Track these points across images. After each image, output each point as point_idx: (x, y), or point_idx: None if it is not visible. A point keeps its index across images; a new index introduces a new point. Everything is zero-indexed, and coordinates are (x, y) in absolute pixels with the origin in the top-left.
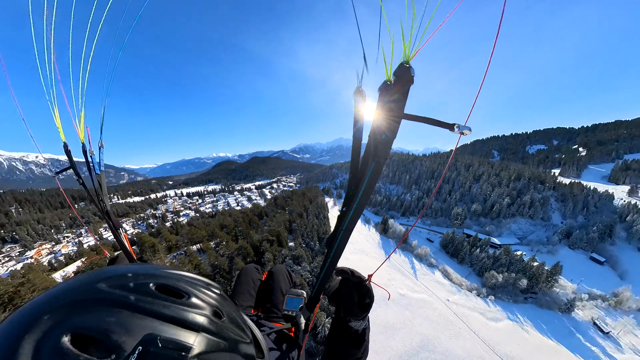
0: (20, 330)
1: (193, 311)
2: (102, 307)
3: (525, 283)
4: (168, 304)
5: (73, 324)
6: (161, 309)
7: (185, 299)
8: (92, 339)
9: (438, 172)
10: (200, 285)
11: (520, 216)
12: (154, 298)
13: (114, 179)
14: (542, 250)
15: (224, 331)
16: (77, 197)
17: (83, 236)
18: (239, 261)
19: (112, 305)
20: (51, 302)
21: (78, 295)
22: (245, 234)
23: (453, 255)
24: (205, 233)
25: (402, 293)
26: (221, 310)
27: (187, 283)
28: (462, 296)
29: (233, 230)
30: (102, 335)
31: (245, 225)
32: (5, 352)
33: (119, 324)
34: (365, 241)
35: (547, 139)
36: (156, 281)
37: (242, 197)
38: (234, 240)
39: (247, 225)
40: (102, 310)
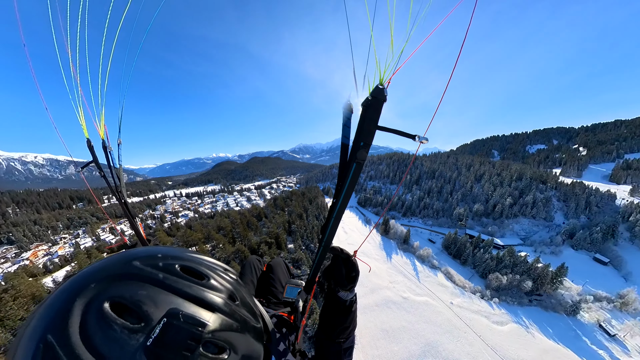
0: (72, 294)
1: (211, 292)
2: (136, 282)
3: (530, 285)
4: (190, 284)
5: (112, 293)
6: (184, 287)
7: (205, 281)
8: (127, 308)
9: (439, 173)
10: (219, 269)
11: (523, 216)
12: (178, 278)
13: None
14: (545, 251)
15: (237, 313)
16: (74, 197)
17: (80, 237)
18: (236, 265)
19: (144, 281)
20: (96, 274)
21: (117, 269)
22: (243, 237)
23: (455, 257)
24: (202, 235)
25: (404, 296)
26: (235, 294)
27: (207, 267)
28: (466, 299)
29: (230, 233)
30: (135, 305)
31: (242, 227)
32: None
33: (149, 297)
34: (366, 242)
35: (547, 139)
36: (181, 262)
37: (241, 197)
38: (231, 243)
39: (244, 227)
40: (136, 284)
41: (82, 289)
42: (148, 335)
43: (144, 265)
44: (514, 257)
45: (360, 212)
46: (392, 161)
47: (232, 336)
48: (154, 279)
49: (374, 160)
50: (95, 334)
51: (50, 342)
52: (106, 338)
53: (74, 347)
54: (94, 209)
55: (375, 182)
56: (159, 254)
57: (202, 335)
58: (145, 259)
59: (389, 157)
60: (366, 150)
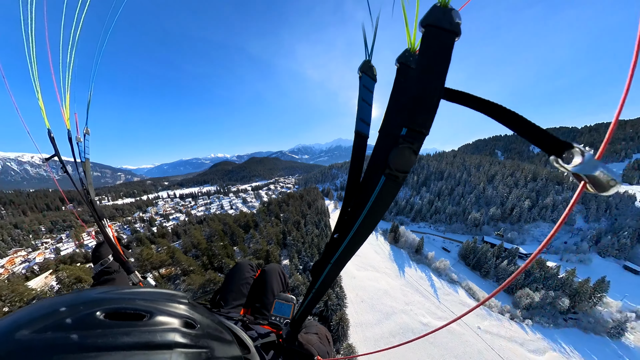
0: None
1: (160, 329)
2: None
3: (567, 303)
4: (127, 329)
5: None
6: (119, 338)
7: (147, 319)
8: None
9: (448, 173)
10: (162, 298)
11: (542, 220)
12: (105, 328)
13: (110, 179)
14: (572, 259)
15: (201, 340)
16: (65, 199)
17: (63, 241)
18: None
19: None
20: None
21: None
22: (221, 257)
23: (475, 268)
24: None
25: (424, 322)
26: (193, 319)
27: (144, 301)
28: (495, 321)
29: (206, 252)
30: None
31: (221, 246)
32: None
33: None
34: (375, 253)
35: None
36: (104, 307)
37: (237, 199)
38: (203, 267)
39: (224, 245)
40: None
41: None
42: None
43: (39, 332)
44: (544, 269)
45: None
46: None
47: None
48: (62, 345)
49: None
50: None
51: None
52: None
53: None
54: (81, 211)
55: None
56: (60, 307)
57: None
58: (37, 322)
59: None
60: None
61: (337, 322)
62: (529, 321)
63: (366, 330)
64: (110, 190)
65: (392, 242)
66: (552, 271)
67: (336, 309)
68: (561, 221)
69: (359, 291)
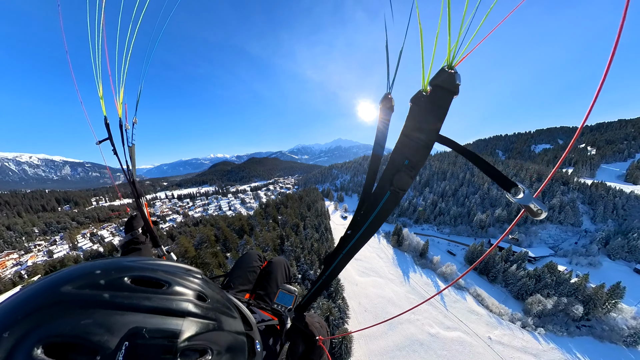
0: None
1: (176, 298)
2: (73, 311)
3: (581, 310)
4: (149, 295)
5: (42, 333)
6: (141, 301)
7: (165, 288)
8: (69, 345)
9: (451, 173)
10: (180, 272)
11: (550, 222)
12: (131, 292)
13: (109, 179)
14: (581, 262)
15: (210, 312)
16: (61, 199)
17: (57, 244)
18: None
19: (83, 307)
20: (14, 314)
21: (41, 302)
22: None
23: (482, 273)
24: None
25: (432, 332)
26: (204, 293)
27: (165, 272)
28: (506, 330)
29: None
30: (80, 338)
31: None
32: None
33: (97, 324)
34: (377, 257)
35: (552, 138)
36: (131, 274)
37: (235, 200)
38: None
39: (214, 254)
40: (73, 314)
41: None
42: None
43: (79, 289)
44: (556, 274)
45: None
46: None
47: (211, 336)
48: (97, 301)
49: None
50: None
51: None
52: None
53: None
54: (75, 213)
55: None
56: (96, 270)
57: (176, 345)
58: (78, 281)
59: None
60: (412, 174)
61: (340, 340)
62: (541, 330)
63: (370, 343)
64: (108, 191)
65: (395, 245)
66: (563, 276)
67: (338, 324)
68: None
69: (362, 299)
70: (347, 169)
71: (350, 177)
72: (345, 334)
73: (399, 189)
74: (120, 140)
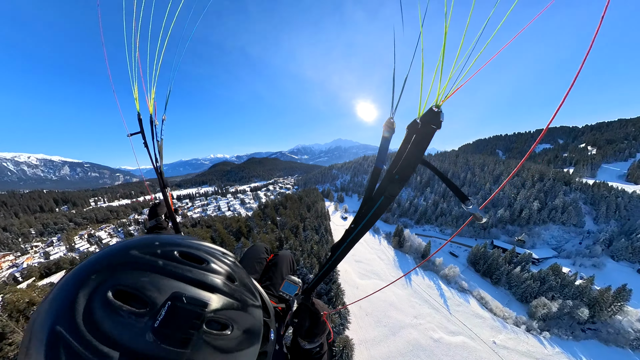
0: (75, 287)
1: (211, 275)
2: (136, 270)
3: (587, 313)
4: (190, 268)
5: (114, 282)
6: (185, 272)
7: (204, 265)
8: (130, 295)
9: (452, 173)
10: (217, 253)
11: (552, 222)
12: (178, 263)
13: (109, 180)
14: (585, 263)
15: (236, 293)
16: (59, 200)
17: (54, 245)
18: None
19: (144, 269)
20: (96, 265)
21: (116, 259)
22: None
23: (485, 275)
24: None
25: (435, 337)
26: (234, 276)
27: (205, 252)
28: (510, 334)
29: None
30: (138, 291)
31: None
32: (65, 303)
33: (151, 283)
34: (378, 259)
35: (552, 138)
36: (180, 249)
37: (235, 200)
38: None
39: None
40: (136, 272)
41: (83, 280)
42: (154, 317)
43: (143, 254)
44: (560, 276)
45: None
46: None
47: (233, 314)
48: (153, 265)
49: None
50: (103, 321)
51: (60, 332)
52: (114, 323)
53: (83, 334)
54: (73, 214)
55: None
56: (156, 241)
57: (205, 314)
58: (143, 248)
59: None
60: (400, 186)
61: (341, 349)
62: (546, 333)
63: (372, 349)
64: (107, 192)
65: (396, 246)
66: (568, 278)
67: (339, 331)
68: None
69: (362, 303)
70: (347, 169)
71: (350, 177)
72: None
73: (390, 195)
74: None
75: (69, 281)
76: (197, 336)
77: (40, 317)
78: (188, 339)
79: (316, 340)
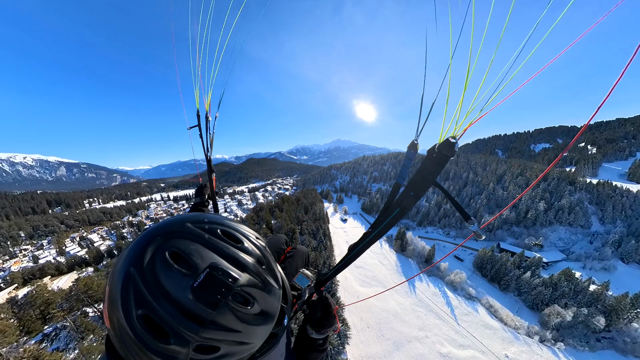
0: (145, 244)
1: (244, 254)
2: (188, 239)
3: (603, 322)
4: (228, 245)
5: (172, 245)
6: (223, 248)
7: (240, 245)
8: (181, 257)
9: (454, 173)
10: (252, 236)
11: (559, 224)
12: (219, 240)
13: (105, 180)
14: (595, 267)
15: (262, 275)
16: (52, 201)
17: (44, 248)
18: None
19: (193, 239)
20: (161, 230)
21: (175, 228)
22: None
23: (493, 280)
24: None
25: (444, 352)
26: (263, 259)
27: (242, 233)
28: (523, 346)
29: None
30: (187, 256)
31: None
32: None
33: (197, 251)
34: (380, 264)
35: (551, 138)
36: (222, 227)
37: (232, 201)
38: None
39: None
40: (188, 241)
41: (151, 240)
42: (195, 279)
43: (195, 227)
44: (573, 282)
45: (365, 221)
46: (398, 161)
47: (256, 292)
48: (201, 238)
49: (377, 160)
50: (160, 273)
51: (132, 272)
52: (167, 277)
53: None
54: (65, 216)
55: (381, 184)
56: (205, 218)
57: (233, 287)
58: (195, 222)
59: (393, 157)
60: (414, 201)
61: None
62: (560, 344)
63: None
64: (102, 192)
65: (398, 250)
66: (582, 284)
67: (337, 348)
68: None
69: (363, 314)
70: (346, 169)
71: (349, 178)
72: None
73: (405, 208)
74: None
75: (141, 240)
76: (224, 303)
77: (121, 260)
78: (216, 303)
79: (323, 331)
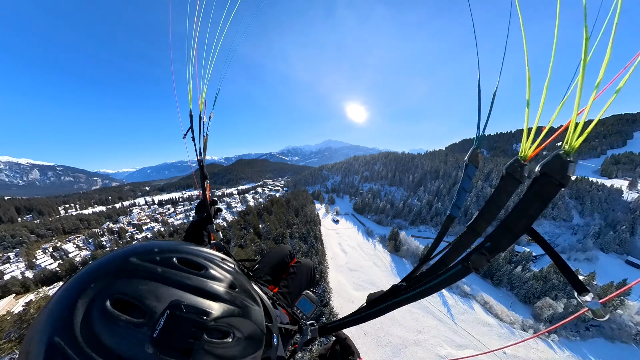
0: (74, 295)
1: (211, 282)
2: (136, 278)
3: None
4: (189, 275)
5: (113, 290)
6: (184, 279)
7: (203, 272)
8: (129, 303)
9: (443, 172)
10: (217, 259)
11: (544, 218)
12: (177, 270)
13: (85, 184)
14: (579, 258)
15: (237, 300)
16: (22, 208)
17: (11, 261)
18: None
19: (143, 276)
20: (96, 272)
21: (115, 267)
22: None
23: (485, 276)
24: None
25: (443, 354)
26: (235, 282)
27: (204, 258)
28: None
29: None
30: (137, 300)
31: None
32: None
33: (150, 291)
34: (374, 266)
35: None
36: (178, 255)
37: (221, 204)
38: None
39: None
40: (136, 280)
41: (82, 289)
42: (153, 327)
43: (142, 261)
44: (562, 274)
45: (358, 221)
46: (389, 160)
47: (235, 321)
48: (153, 273)
49: (368, 160)
50: (101, 332)
51: (58, 343)
52: (112, 334)
53: (82, 346)
54: (36, 224)
55: (372, 184)
56: (155, 248)
57: (206, 323)
58: (142, 255)
59: (384, 157)
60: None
61: None
62: (554, 336)
63: None
64: (80, 198)
65: (392, 250)
66: None
67: None
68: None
69: None
70: (337, 169)
71: (341, 178)
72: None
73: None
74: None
75: (68, 290)
76: (198, 345)
77: (40, 326)
78: (189, 349)
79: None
